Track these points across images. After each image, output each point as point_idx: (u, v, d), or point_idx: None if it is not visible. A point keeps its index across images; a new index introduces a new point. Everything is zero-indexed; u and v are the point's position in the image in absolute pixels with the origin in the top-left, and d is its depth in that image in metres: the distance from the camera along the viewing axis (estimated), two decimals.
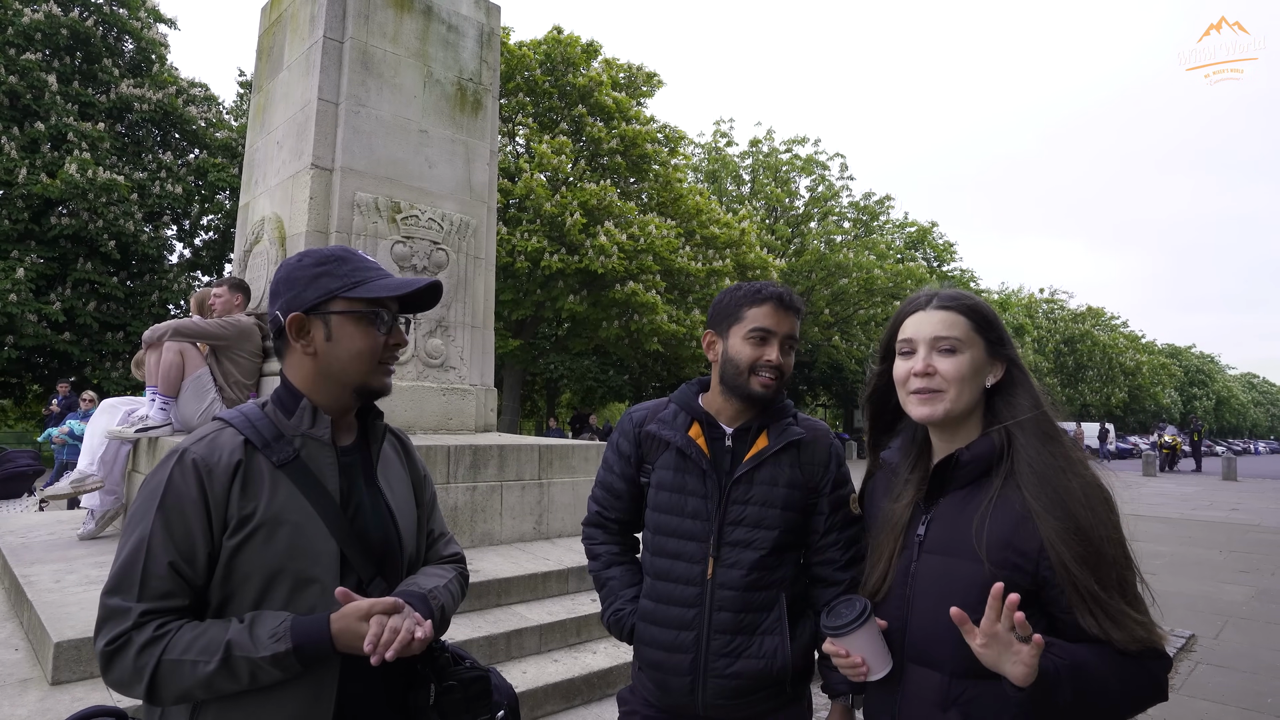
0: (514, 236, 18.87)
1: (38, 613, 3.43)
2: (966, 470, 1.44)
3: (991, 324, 1.49)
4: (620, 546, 2.05)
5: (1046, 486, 1.34)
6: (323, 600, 1.32)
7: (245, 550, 1.28)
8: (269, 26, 6.58)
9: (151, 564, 1.23)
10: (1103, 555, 1.29)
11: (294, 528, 1.31)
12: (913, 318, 1.51)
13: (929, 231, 38.90)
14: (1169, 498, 16.93)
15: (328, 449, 1.41)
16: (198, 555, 1.26)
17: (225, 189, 20.70)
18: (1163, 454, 27.87)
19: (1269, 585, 7.73)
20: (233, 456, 1.31)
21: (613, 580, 2.00)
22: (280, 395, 1.43)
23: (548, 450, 5.57)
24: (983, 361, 1.47)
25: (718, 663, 1.78)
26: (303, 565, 1.31)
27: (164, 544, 1.24)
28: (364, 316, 1.41)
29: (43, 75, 17.51)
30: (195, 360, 5.06)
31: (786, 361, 1.85)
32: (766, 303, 1.84)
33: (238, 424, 1.37)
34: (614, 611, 1.96)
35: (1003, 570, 1.33)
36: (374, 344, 1.42)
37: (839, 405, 42.47)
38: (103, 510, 5.15)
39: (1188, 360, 79.46)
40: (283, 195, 5.77)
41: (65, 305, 16.97)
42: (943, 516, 1.46)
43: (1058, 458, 1.37)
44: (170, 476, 1.28)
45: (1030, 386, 1.47)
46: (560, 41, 21.24)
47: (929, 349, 1.46)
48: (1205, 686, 4.74)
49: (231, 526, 1.28)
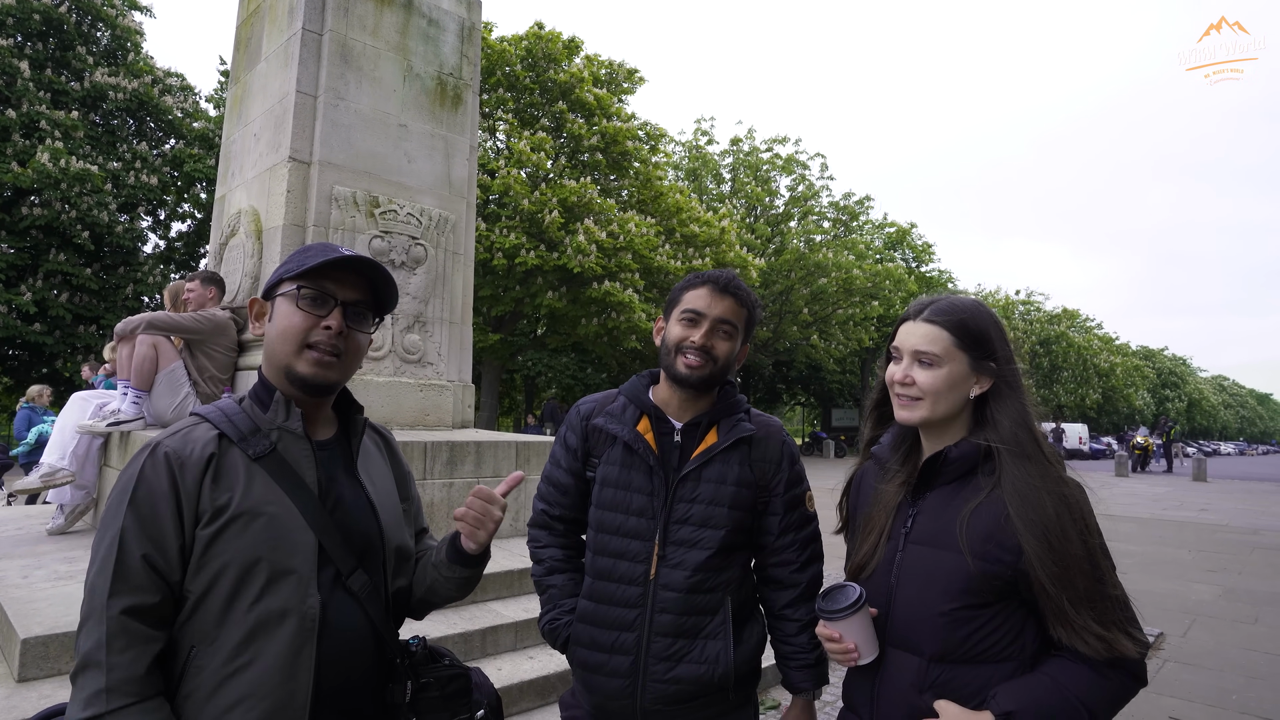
0: (493, 233, 18.79)
1: (4, 609, 3.37)
2: (953, 467, 1.51)
3: (976, 338, 1.52)
4: (565, 552, 1.95)
5: (1027, 506, 1.40)
6: (297, 592, 1.30)
7: (219, 541, 1.27)
8: (247, 17, 6.50)
9: (125, 557, 1.23)
10: (1072, 576, 1.35)
11: (270, 519, 1.31)
12: (904, 326, 1.58)
13: (908, 232, 39.19)
14: (1140, 498, 17.19)
15: (303, 441, 1.40)
16: (169, 547, 1.26)
17: (202, 180, 20.40)
18: (1134, 455, 28.28)
19: (1236, 584, 7.88)
20: (205, 450, 1.31)
21: (553, 588, 1.91)
22: (256, 389, 1.43)
23: (525, 447, 5.56)
24: (963, 375, 1.52)
25: (657, 666, 1.72)
26: (279, 557, 1.30)
27: (137, 537, 1.24)
28: (291, 295, 1.39)
29: (14, 61, 17.17)
30: (169, 354, 5.00)
31: (718, 345, 1.79)
32: (702, 286, 1.82)
33: (213, 418, 1.37)
34: (551, 620, 1.88)
35: (984, 562, 1.41)
36: (295, 323, 1.38)
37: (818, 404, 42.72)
38: (72, 505, 5.07)
39: (1160, 363, 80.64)
40: (260, 188, 5.71)
41: (37, 296, 16.66)
42: (929, 510, 1.52)
43: (1034, 476, 1.43)
44: (142, 470, 1.28)
45: (1015, 401, 1.52)
46: (542, 37, 21.15)
47: (910, 360, 1.54)
48: (1173, 684, 4.82)
49: (205, 518, 1.28)
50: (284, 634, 1.28)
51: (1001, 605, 1.42)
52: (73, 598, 3.54)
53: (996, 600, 1.42)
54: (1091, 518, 1.43)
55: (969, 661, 1.41)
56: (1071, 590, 1.35)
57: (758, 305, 1.89)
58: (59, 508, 5.12)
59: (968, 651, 1.42)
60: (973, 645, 1.42)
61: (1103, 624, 1.35)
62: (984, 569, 1.40)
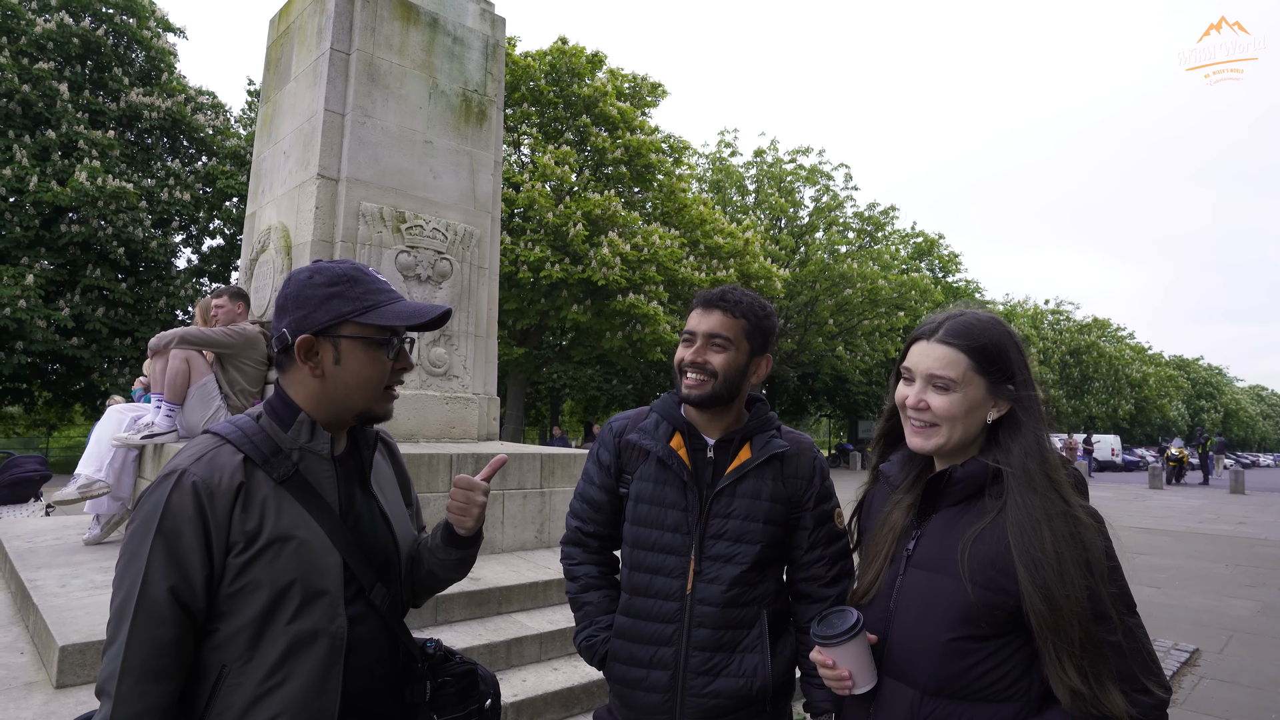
0: (518, 246, 18.93)
1: (43, 617, 3.46)
2: (959, 488, 1.44)
3: (995, 361, 1.43)
4: (599, 569, 1.97)
5: (1025, 538, 1.32)
6: (327, 613, 1.33)
7: (254, 567, 1.28)
8: (277, 38, 6.65)
9: (150, 590, 1.23)
10: (1061, 620, 1.26)
11: (300, 543, 1.32)
12: (916, 346, 1.49)
13: (936, 242, 38.90)
14: (1175, 511, 16.84)
15: (326, 462, 1.41)
16: (195, 578, 1.25)
17: (233, 196, 20.84)
18: (1169, 466, 27.70)
19: (1275, 600, 7.68)
20: (234, 479, 1.29)
21: (589, 605, 1.93)
22: (275, 407, 1.41)
23: (550, 459, 5.59)
24: (981, 400, 1.43)
25: (696, 681, 1.73)
26: (311, 579, 1.32)
27: (163, 570, 1.23)
28: (373, 342, 1.39)
29: (54, 84, 17.71)
30: (201, 368, 5.10)
31: (712, 359, 1.79)
32: (695, 307, 1.85)
33: (234, 440, 1.34)
34: (587, 637, 1.90)
35: (985, 591, 1.33)
36: (382, 371, 1.41)
37: (843, 416, 42.38)
38: (108, 515, 5.18)
39: (1195, 372, 79.12)
40: (289, 205, 5.83)
41: (74, 311, 17.09)
42: (932, 533, 1.45)
43: (1037, 507, 1.33)
44: (169, 500, 1.26)
45: (1029, 428, 1.42)
46: (565, 52, 21.34)
47: (924, 383, 1.45)
48: (1208, 701, 4.72)
49: (238, 548, 1.28)
50: (316, 653, 1.31)
51: (1005, 640, 1.33)
52: (108, 606, 3.61)
53: (999, 633, 1.32)
54: (1100, 556, 1.30)
55: (967, 698, 1.32)
56: (1058, 635, 1.25)
57: (762, 313, 1.86)
58: (95, 518, 5.23)
59: (966, 687, 1.33)
60: (972, 680, 1.33)
61: (1087, 676, 1.24)
62: (984, 598, 1.31)
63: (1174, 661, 5.40)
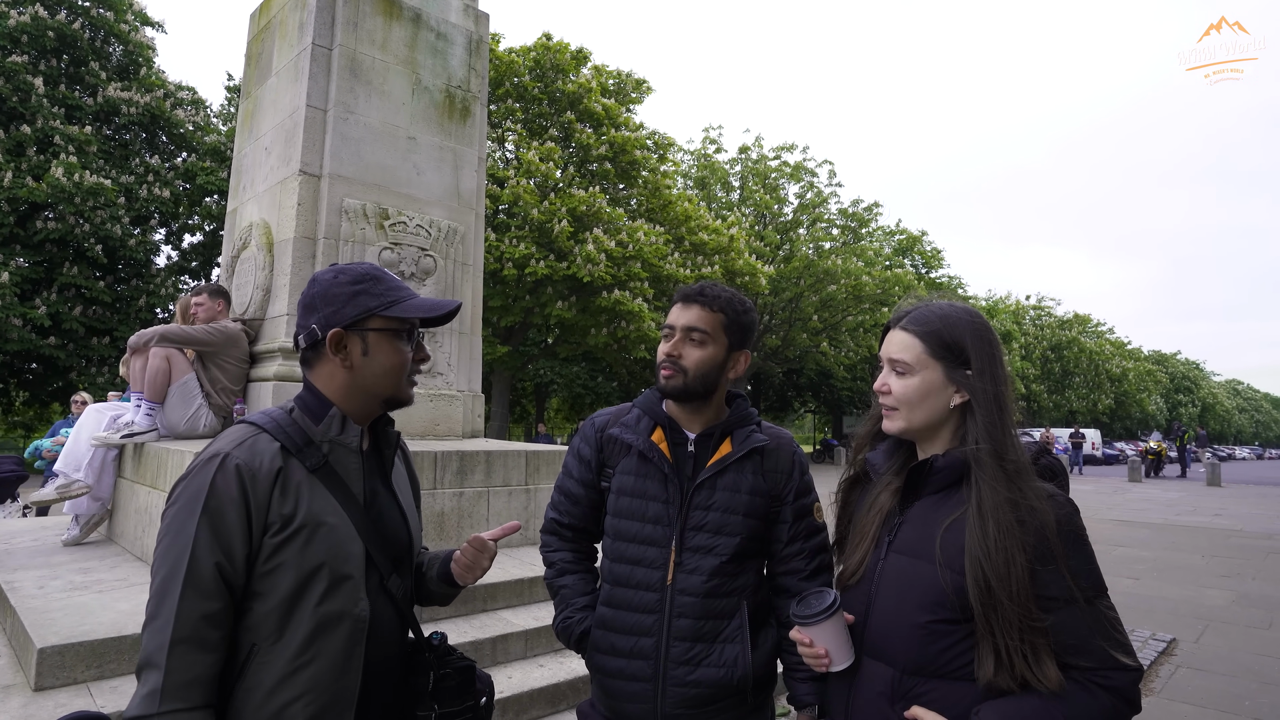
0: (502, 243, 18.88)
1: (21, 619, 3.42)
2: (940, 476, 1.47)
3: (950, 347, 1.48)
4: (575, 554, 2.00)
5: (972, 533, 1.36)
6: (353, 595, 1.41)
7: (287, 549, 1.36)
8: (258, 33, 6.59)
9: (198, 565, 1.30)
10: (1002, 611, 1.31)
11: (329, 529, 1.40)
12: (887, 335, 1.57)
13: (918, 239, 39.14)
14: (1154, 503, 17.06)
15: (354, 455, 1.50)
16: (237, 556, 1.33)
17: (214, 193, 20.61)
18: (1147, 460, 28.06)
19: (1249, 590, 7.81)
20: (274, 463, 1.38)
21: (565, 588, 1.96)
22: (307, 402, 1.50)
23: (535, 456, 5.58)
24: (938, 384, 1.48)
25: (677, 670, 1.75)
26: (338, 564, 1.40)
27: (209, 546, 1.31)
28: (398, 334, 1.52)
29: (29, 78, 17.43)
30: (181, 366, 5.05)
31: (686, 354, 1.82)
32: (675, 302, 1.90)
33: (270, 429, 1.43)
34: (564, 619, 1.93)
35: (958, 576, 1.36)
36: (405, 359, 1.54)
37: (828, 411, 42.61)
38: (88, 516, 5.13)
39: (1173, 367, 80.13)
40: (270, 201, 5.78)
41: (51, 310, 16.85)
42: (913, 520, 1.49)
43: (985, 500, 1.37)
44: (214, 481, 1.34)
45: (985, 415, 1.44)
46: (550, 48, 21.29)
47: (888, 368, 1.54)
48: (1185, 689, 4.79)
49: (274, 528, 1.36)
50: (340, 635, 1.39)
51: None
52: (88, 608, 3.58)
53: (971, 618, 1.36)
54: (1053, 536, 1.33)
55: (944, 677, 1.38)
56: (994, 626, 1.31)
57: (741, 308, 1.88)
58: (74, 519, 5.18)
59: (942, 667, 1.38)
60: (948, 661, 1.38)
61: (1027, 659, 1.30)
62: (957, 583, 1.36)
63: (1151, 651, 5.47)
